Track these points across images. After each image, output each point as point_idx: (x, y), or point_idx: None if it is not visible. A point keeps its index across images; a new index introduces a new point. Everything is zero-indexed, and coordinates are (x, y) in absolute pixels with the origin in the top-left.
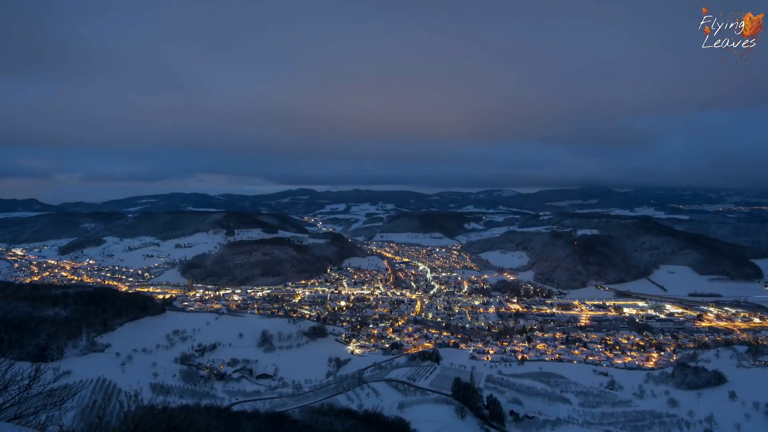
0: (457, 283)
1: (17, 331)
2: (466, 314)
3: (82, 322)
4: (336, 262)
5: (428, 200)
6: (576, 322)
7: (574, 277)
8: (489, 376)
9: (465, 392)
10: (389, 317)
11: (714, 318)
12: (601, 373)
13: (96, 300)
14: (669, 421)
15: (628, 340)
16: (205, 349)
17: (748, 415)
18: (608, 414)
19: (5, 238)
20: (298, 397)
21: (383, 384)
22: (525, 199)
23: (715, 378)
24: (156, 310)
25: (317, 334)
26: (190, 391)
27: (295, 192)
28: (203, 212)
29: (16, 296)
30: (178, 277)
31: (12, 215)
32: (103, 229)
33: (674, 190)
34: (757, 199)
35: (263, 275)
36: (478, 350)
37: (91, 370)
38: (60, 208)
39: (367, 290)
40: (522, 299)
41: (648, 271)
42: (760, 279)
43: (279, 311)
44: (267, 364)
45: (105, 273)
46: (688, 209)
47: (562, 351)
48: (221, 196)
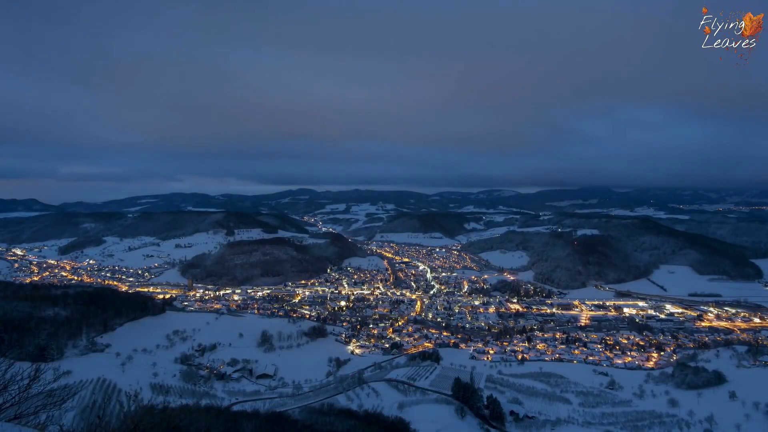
0: (457, 283)
1: (17, 331)
2: (466, 314)
3: (82, 322)
4: (336, 262)
5: (428, 200)
6: (576, 322)
7: (574, 277)
8: (489, 376)
9: (465, 392)
10: (389, 317)
11: (714, 318)
12: (601, 373)
13: (96, 300)
14: (669, 421)
15: (628, 340)
16: (205, 349)
17: (748, 415)
18: (608, 414)
19: (5, 238)
20: (298, 397)
21: (383, 384)
22: (525, 199)
23: (715, 378)
24: (156, 310)
25: (317, 334)
26: (190, 391)
27: (295, 192)
28: (203, 212)
29: (16, 296)
30: (178, 277)
31: (12, 215)
32: (103, 229)
33: (674, 190)
34: (757, 199)
35: (263, 275)
36: (478, 350)
37: (91, 370)
38: (60, 208)
39: (367, 290)
40: (522, 299)
41: (648, 271)
42: (760, 279)
43: (279, 311)
44: (267, 364)
45: (105, 273)
46: (688, 209)
47: (562, 351)
48: (221, 196)
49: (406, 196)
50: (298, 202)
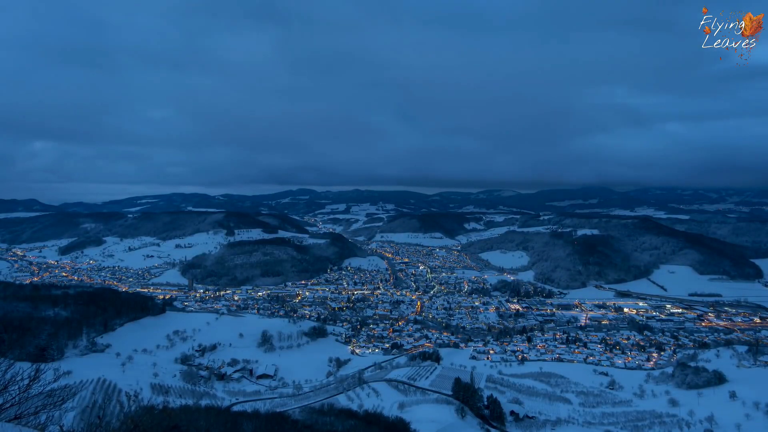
0: (457, 283)
1: (18, 331)
2: (466, 314)
3: (83, 323)
4: (336, 262)
5: (428, 200)
6: (576, 322)
7: (574, 277)
8: (489, 376)
9: (465, 392)
10: (389, 317)
11: (714, 318)
12: (601, 373)
13: (96, 300)
14: (669, 421)
15: (628, 340)
16: (206, 349)
17: (748, 414)
18: (608, 414)
19: (5, 239)
20: (298, 397)
21: (383, 384)
22: (525, 199)
23: (715, 378)
24: (156, 311)
25: (317, 334)
26: (191, 391)
27: (295, 192)
28: (203, 212)
29: (17, 296)
30: (179, 277)
31: (12, 215)
32: (103, 229)
33: (674, 190)
34: (757, 199)
35: (263, 275)
36: (478, 350)
37: (92, 370)
38: (60, 209)
39: (368, 290)
40: (522, 299)
41: (648, 271)
42: (760, 279)
43: (279, 311)
44: (267, 364)
45: (105, 273)
46: (688, 209)
47: (562, 351)
48: (221, 196)
49: (406, 196)
50: (298, 202)
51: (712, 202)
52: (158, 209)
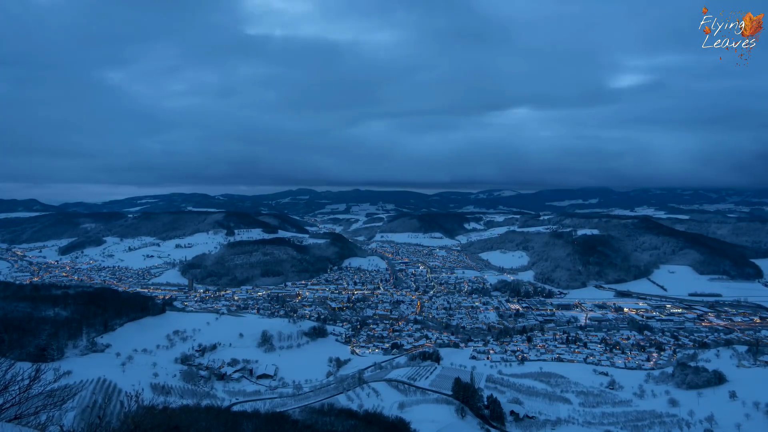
0: (457, 283)
1: (18, 331)
2: (466, 314)
3: (83, 323)
4: (336, 262)
5: (428, 200)
6: (576, 322)
7: (574, 277)
8: (489, 376)
9: (465, 392)
10: (389, 317)
11: (714, 318)
12: (601, 373)
13: (96, 300)
14: (669, 421)
15: (628, 340)
16: (206, 349)
17: (748, 414)
18: (608, 414)
19: (5, 238)
20: (298, 397)
21: (383, 384)
22: (525, 199)
23: (715, 378)
24: (156, 311)
25: (317, 334)
26: (191, 391)
27: (295, 192)
28: (203, 212)
29: (17, 297)
30: (179, 277)
31: (12, 215)
32: (103, 229)
33: (674, 190)
34: (757, 199)
35: (263, 275)
36: (478, 350)
37: (92, 370)
38: (60, 209)
39: (368, 290)
40: (522, 299)
41: (648, 271)
42: (760, 279)
43: (279, 311)
44: (267, 364)
45: (105, 273)
46: (688, 209)
47: (562, 351)
48: (221, 196)
49: (406, 196)
50: (298, 202)
51: (712, 202)
52: (158, 209)
